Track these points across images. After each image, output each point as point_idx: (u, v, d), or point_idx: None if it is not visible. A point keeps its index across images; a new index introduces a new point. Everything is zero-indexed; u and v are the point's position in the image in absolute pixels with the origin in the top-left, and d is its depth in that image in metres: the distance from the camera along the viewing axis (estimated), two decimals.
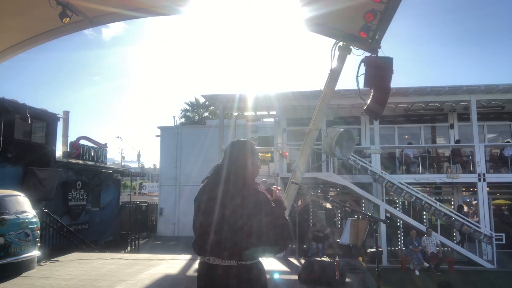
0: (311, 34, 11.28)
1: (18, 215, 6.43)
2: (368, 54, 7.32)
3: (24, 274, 6.26)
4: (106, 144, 16.92)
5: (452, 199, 15.43)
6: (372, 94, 7.17)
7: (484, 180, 13.09)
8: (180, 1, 6.71)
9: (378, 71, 6.87)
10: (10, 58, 7.96)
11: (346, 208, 4.24)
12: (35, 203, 8.68)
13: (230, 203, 2.18)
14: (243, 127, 21.23)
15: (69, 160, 14.32)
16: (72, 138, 16.75)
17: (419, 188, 14.04)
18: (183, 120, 38.78)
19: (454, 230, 13.47)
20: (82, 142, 15.31)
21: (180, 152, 22.71)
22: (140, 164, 54.43)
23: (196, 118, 38.96)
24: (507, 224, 15.23)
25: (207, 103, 31.56)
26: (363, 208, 14.36)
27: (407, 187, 12.91)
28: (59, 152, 15.24)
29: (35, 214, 7.00)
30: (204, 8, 7.10)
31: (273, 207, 2.23)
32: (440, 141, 16.42)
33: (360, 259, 9.31)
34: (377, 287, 4.04)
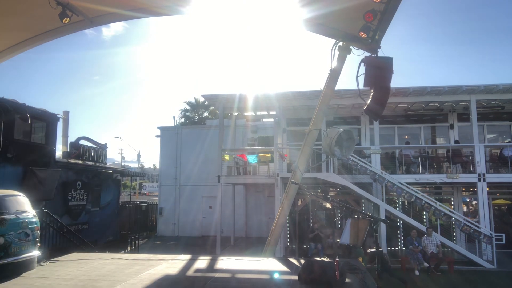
0: (311, 34, 11.29)
1: (18, 215, 6.42)
2: (368, 54, 7.33)
3: (24, 274, 6.25)
4: (106, 144, 16.88)
5: (452, 199, 15.44)
6: (372, 94, 7.18)
7: (484, 180, 13.09)
8: (180, 1, 6.73)
9: (378, 71, 6.89)
10: (10, 58, 7.98)
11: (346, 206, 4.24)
12: (35, 203, 8.66)
13: None
14: (243, 127, 21.24)
15: (69, 160, 14.29)
16: (72, 138, 16.76)
17: (419, 188, 14.04)
18: (183, 120, 38.74)
19: (454, 230, 13.48)
20: (82, 142, 15.28)
21: (180, 152, 22.73)
22: (140, 164, 54.45)
23: (196, 118, 38.91)
24: (507, 224, 15.24)
25: (207, 103, 31.56)
26: (363, 208, 14.37)
27: (407, 187, 12.91)
28: (59, 152, 15.21)
29: (35, 214, 6.99)
30: (204, 8, 7.11)
31: None
32: (440, 141, 16.42)
33: (360, 259, 9.32)
34: (377, 287, 4.04)
